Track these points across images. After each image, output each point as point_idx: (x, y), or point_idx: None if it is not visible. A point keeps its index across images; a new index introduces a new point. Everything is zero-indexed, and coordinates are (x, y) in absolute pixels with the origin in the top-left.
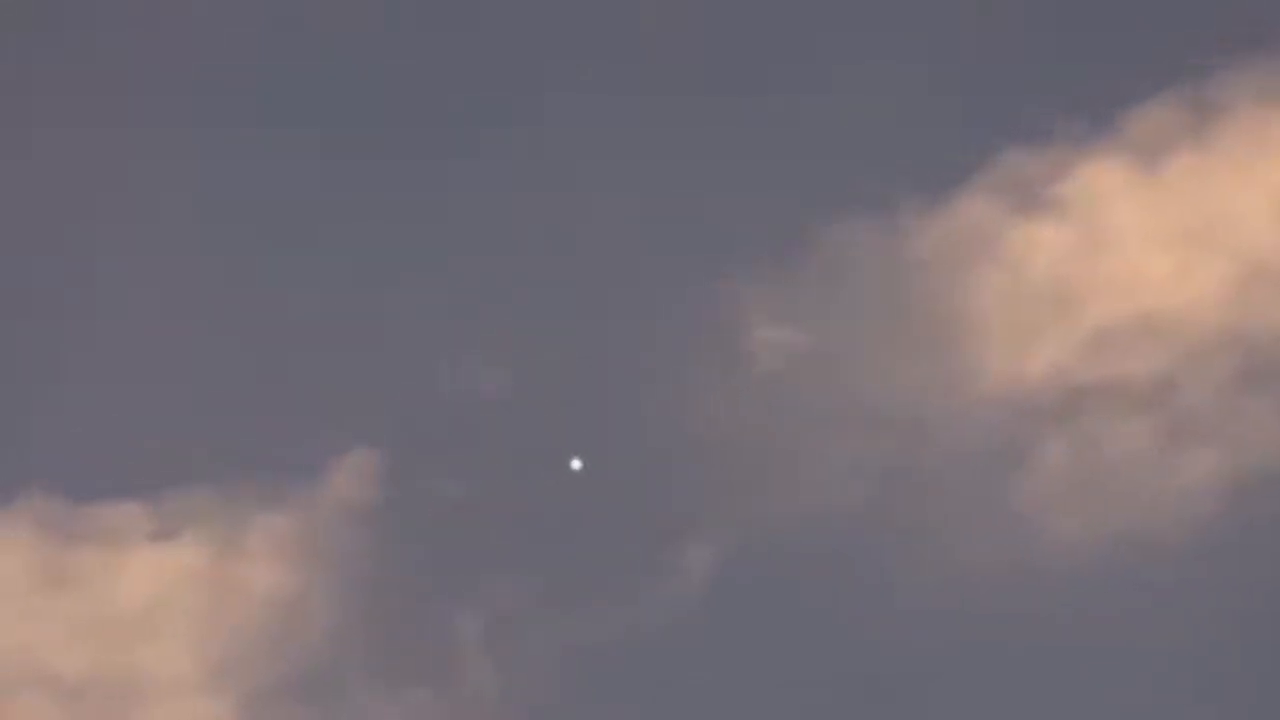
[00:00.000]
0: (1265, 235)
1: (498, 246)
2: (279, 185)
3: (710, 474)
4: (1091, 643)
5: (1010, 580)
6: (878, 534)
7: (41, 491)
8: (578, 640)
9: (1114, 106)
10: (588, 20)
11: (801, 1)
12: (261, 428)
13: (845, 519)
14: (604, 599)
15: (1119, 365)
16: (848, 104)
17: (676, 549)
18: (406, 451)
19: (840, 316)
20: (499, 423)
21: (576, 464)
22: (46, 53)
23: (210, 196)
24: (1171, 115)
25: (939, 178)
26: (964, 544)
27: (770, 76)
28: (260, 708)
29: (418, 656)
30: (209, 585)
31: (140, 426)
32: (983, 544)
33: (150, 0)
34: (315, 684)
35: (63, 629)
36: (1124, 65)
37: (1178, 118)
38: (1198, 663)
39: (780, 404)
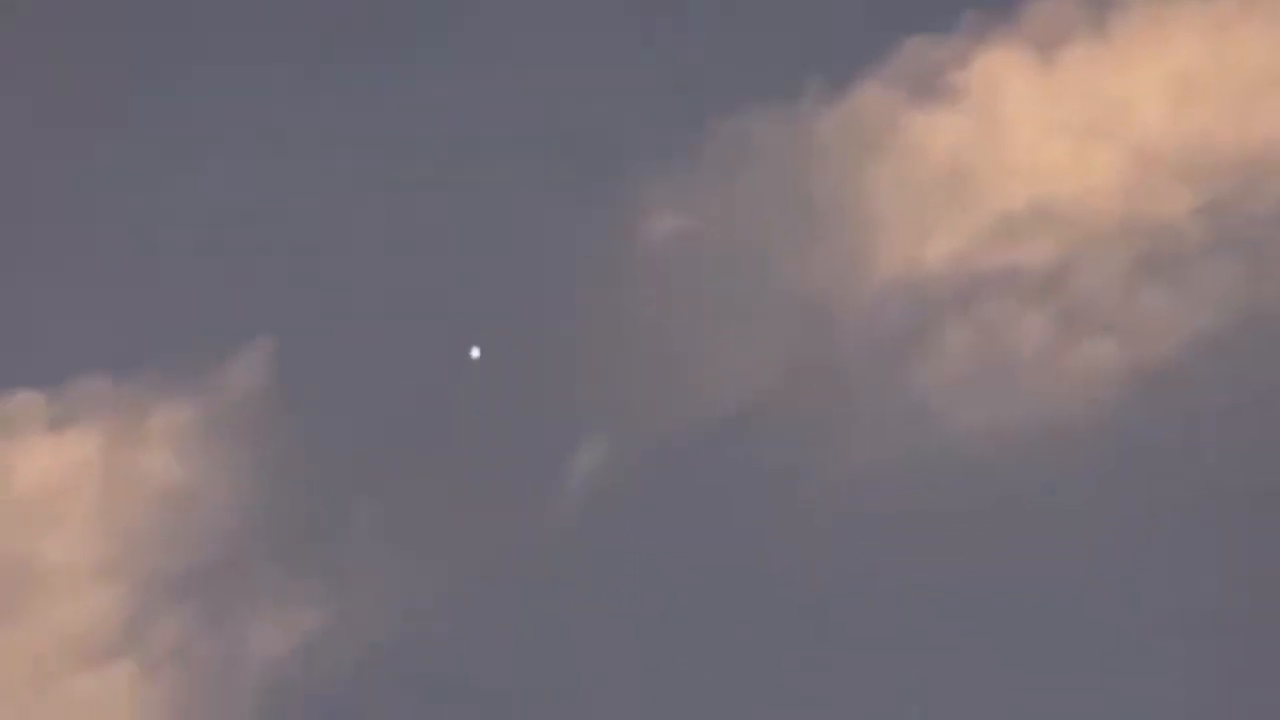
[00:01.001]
0: (1161, 125)
1: (394, 140)
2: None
3: (607, 365)
4: (994, 530)
5: (913, 470)
6: (778, 426)
7: None
8: (469, 536)
9: None
10: None
11: None
12: (160, 318)
13: (745, 410)
14: (498, 496)
15: (1017, 253)
16: None
17: (572, 443)
18: (304, 341)
19: (740, 206)
20: (398, 311)
21: (475, 352)
22: None
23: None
24: (1069, 6)
25: (839, 66)
26: (866, 434)
27: None
28: (154, 596)
29: (311, 548)
30: (106, 474)
31: (38, 316)
32: (885, 434)
33: None
34: (209, 574)
35: None
36: None
37: (1075, 8)
38: (1099, 550)
39: (678, 294)
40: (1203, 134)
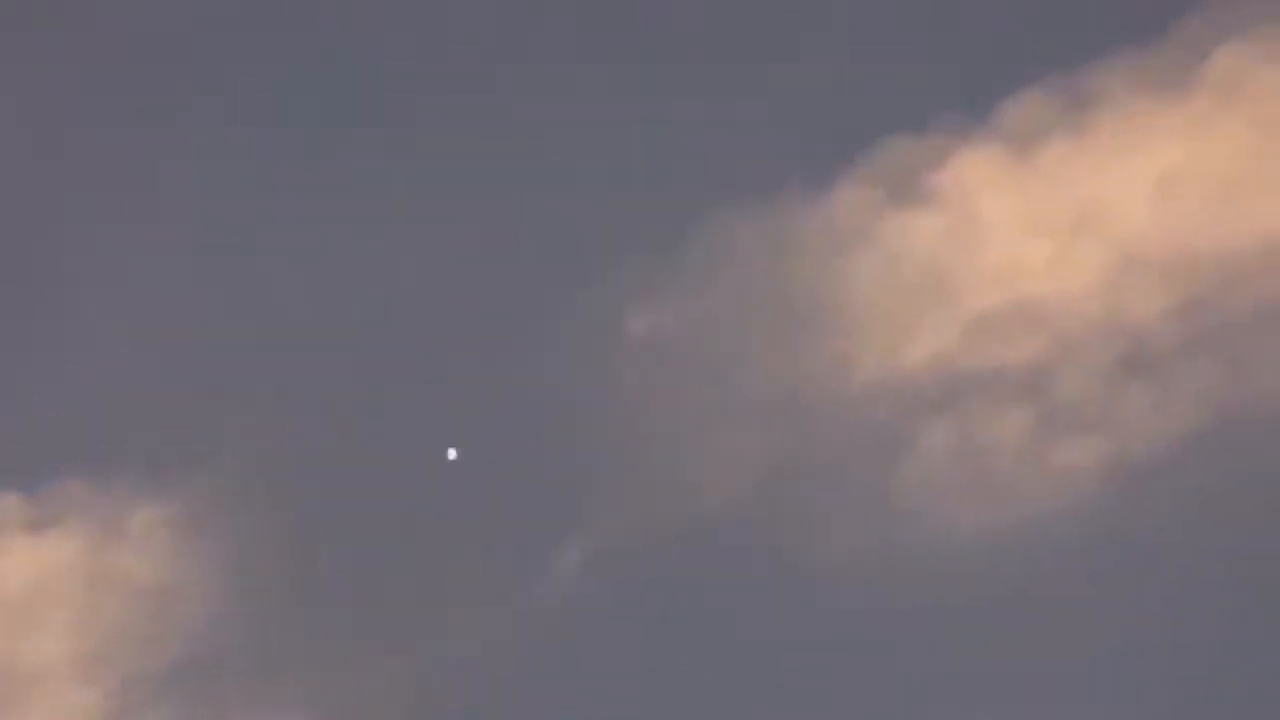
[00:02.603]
0: (1139, 223)
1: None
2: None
3: (587, 464)
4: (971, 630)
5: (891, 570)
6: (757, 526)
7: None
8: (451, 635)
9: (989, 97)
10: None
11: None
12: (138, 419)
13: (724, 510)
14: (477, 598)
15: (997, 353)
16: (728, 96)
17: (550, 544)
18: (282, 443)
19: (720, 305)
20: (376, 413)
21: (452, 454)
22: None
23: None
24: (1046, 105)
25: (818, 167)
26: (844, 534)
27: (653, 69)
28: (133, 696)
29: (292, 650)
30: (84, 575)
31: (16, 418)
32: (863, 534)
33: None
34: (188, 674)
35: None
36: (998, 56)
37: (1052, 107)
38: (1076, 649)
39: (659, 393)
40: (1181, 234)
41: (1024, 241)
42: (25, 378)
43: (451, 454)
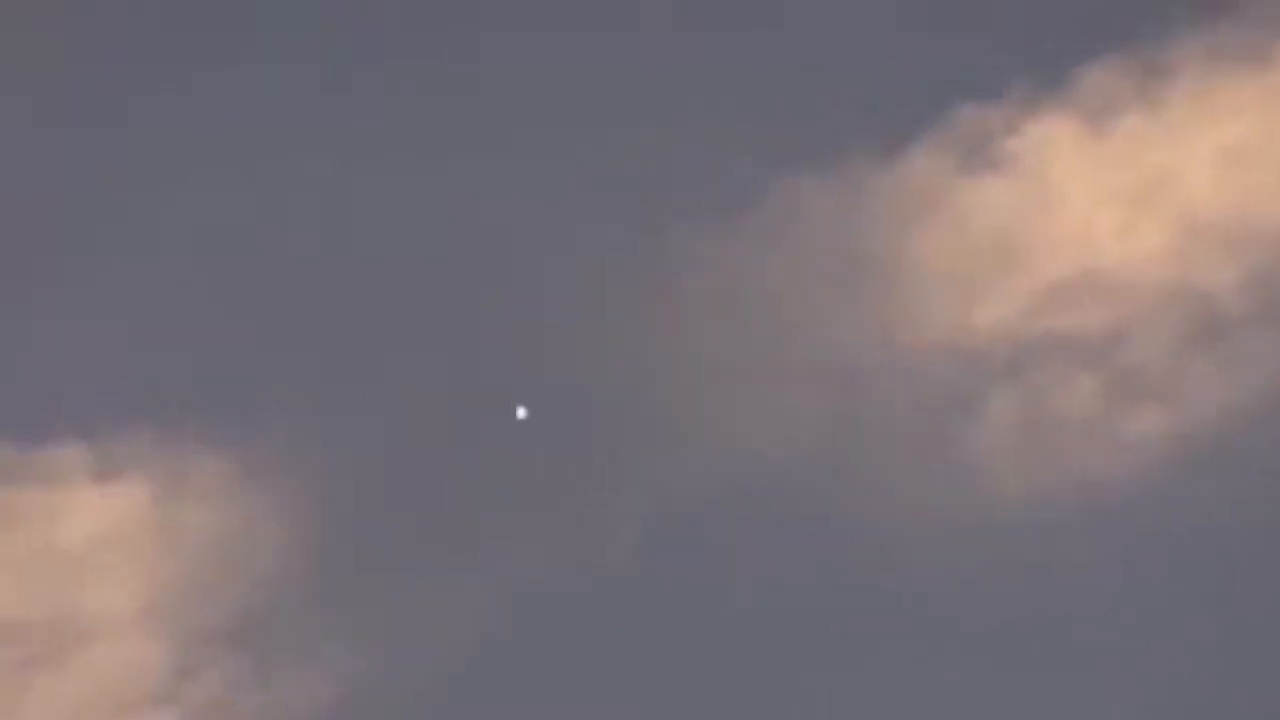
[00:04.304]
0: (1210, 195)
1: (437, 191)
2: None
3: (650, 426)
4: (1039, 598)
5: (957, 535)
6: (822, 488)
7: None
8: (511, 591)
9: (1064, 64)
10: None
11: None
12: (203, 370)
13: (789, 473)
14: (538, 552)
15: (1066, 320)
16: (798, 56)
17: (609, 502)
18: (347, 394)
19: (787, 270)
20: (441, 369)
21: (522, 413)
22: None
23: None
24: (1121, 75)
25: (889, 132)
26: (910, 498)
27: (721, 25)
28: (197, 650)
29: (355, 607)
30: (149, 527)
31: (82, 367)
32: (929, 498)
33: None
34: (253, 628)
35: (1, 571)
36: (1075, 24)
37: (1127, 78)
38: (1146, 618)
39: (724, 356)
40: (1251, 205)
41: (1095, 210)
42: (89, 325)
43: (521, 413)
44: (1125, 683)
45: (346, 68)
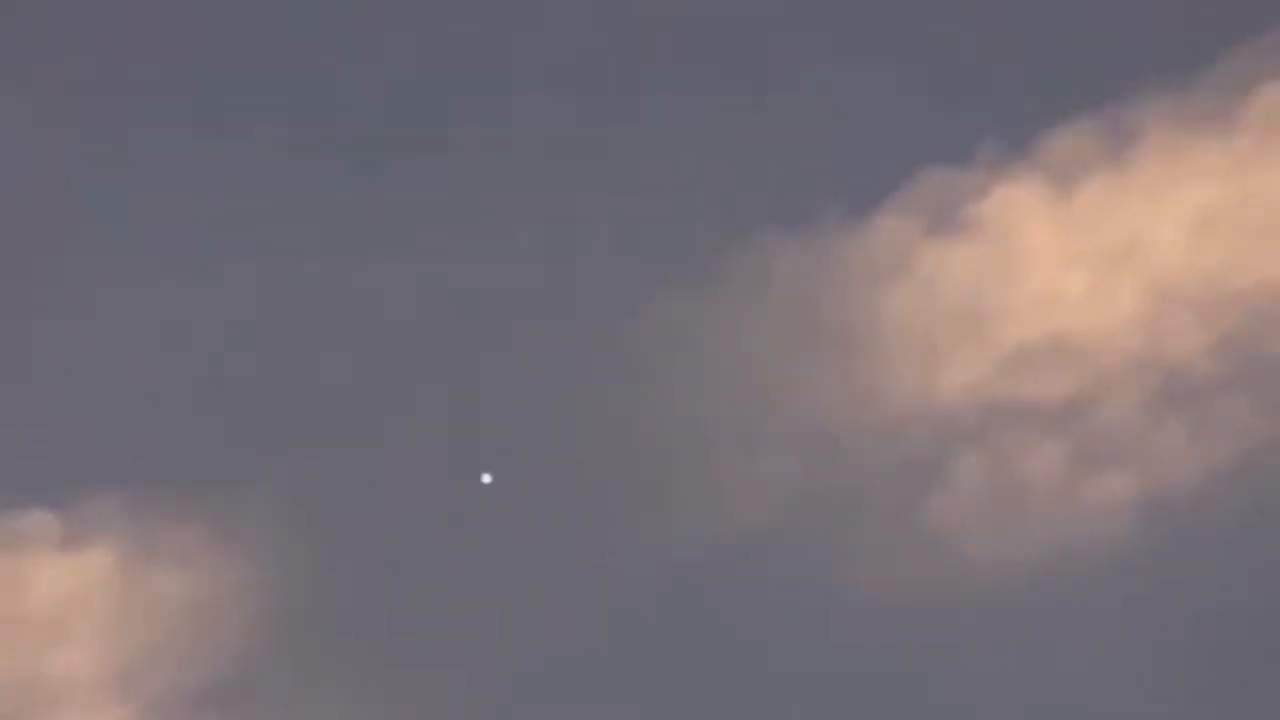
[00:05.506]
0: (1178, 259)
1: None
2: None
3: (618, 492)
4: (1006, 662)
5: (925, 600)
6: (791, 553)
7: None
8: (482, 652)
9: (1031, 129)
10: (511, 30)
11: (732, 21)
12: (172, 436)
13: (758, 538)
14: (507, 621)
15: (1033, 386)
16: (769, 121)
17: (581, 569)
18: (317, 461)
19: (756, 333)
20: (410, 435)
21: (487, 478)
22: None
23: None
24: (1087, 139)
25: (858, 196)
26: (878, 563)
27: (695, 94)
28: (165, 715)
29: (324, 671)
30: (116, 593)
31: (49, 433)
32: (897, 564)
33: None
34: (221, 692)
35: None
36: (1041, 88)
37: (1093, 141)
38: (1112, 681)
39: (693, 420)
40: (1219, 270)
41: (1062, 274)
42: (58, 392)
43: (486, 478)
44: None
45: (315, 146)
